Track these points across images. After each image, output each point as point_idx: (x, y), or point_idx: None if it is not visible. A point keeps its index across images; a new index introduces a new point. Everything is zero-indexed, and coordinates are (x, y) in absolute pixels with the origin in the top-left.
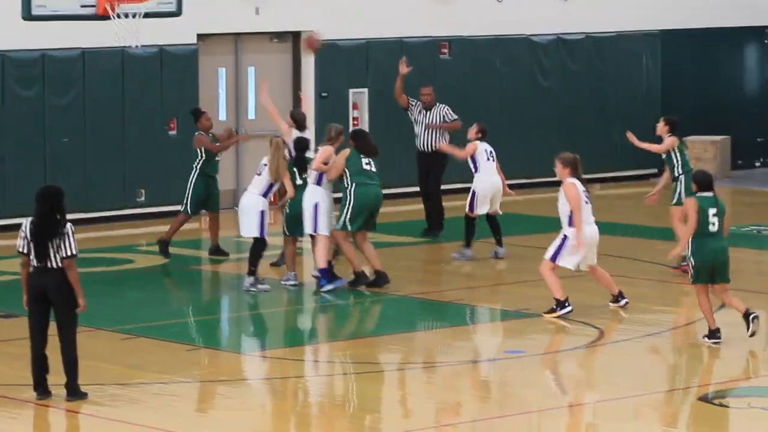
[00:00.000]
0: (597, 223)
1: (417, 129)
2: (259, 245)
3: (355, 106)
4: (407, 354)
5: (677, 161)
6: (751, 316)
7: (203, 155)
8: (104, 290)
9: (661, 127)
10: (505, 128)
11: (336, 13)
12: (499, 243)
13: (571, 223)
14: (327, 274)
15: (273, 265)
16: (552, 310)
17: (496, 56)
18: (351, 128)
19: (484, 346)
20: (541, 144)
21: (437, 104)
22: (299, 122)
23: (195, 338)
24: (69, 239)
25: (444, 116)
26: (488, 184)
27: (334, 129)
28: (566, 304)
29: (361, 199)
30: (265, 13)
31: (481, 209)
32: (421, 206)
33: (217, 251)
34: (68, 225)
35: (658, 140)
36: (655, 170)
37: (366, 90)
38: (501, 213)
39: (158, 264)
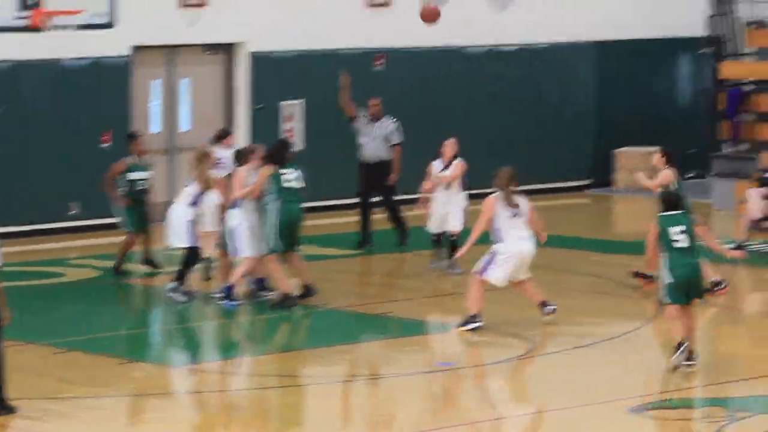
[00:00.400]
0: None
1: (363, 140)
2: (191, 255)
3: (289, 118)
4: (338, 367)
5: None
6: (687, 364)
7: (129, 184)
8: (36, 304)
9: (657, 159)
10: (441, 139)
11: (269, 25)
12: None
13: (499, 238)
14: (227, 291)
15: (204, 279)
16: (464, 324)
17: (431, 67)
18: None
19: (416, 359)
20: (477, 156)
21: (384, 116)
22: (218, 135)
23: (127, 352)
24: None
25: (389, 132)
26: None
27: (244, 150)
28: (476, 319)
29: (284, 217)
30: (198, 25)
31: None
32: (357, 218)
33: (146, 262)
34: None
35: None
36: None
37: (301, 101)
38: None
39: (90, 277)
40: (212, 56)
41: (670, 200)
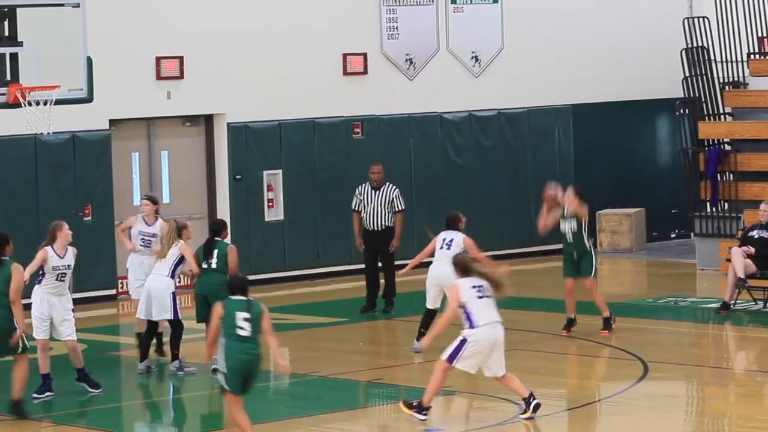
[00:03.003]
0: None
1: (366, 207)
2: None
3: (269, 188)
4: None
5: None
6: None
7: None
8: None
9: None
10: (419, 206)
11: (247, 96)
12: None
13: (471, 325)
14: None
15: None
16: (411, 406)
17: (409, 134)
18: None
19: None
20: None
21: (386, 183)
22: None
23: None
24: None
25: (393, 199)
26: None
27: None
28: (425, 413)
29: None
30: (176, 97)
31: None
32: (361, 284)
33: None
34: None
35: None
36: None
37: (280, 171)
38: None
39: None
40: (191, 128)
41: (238, 284)
